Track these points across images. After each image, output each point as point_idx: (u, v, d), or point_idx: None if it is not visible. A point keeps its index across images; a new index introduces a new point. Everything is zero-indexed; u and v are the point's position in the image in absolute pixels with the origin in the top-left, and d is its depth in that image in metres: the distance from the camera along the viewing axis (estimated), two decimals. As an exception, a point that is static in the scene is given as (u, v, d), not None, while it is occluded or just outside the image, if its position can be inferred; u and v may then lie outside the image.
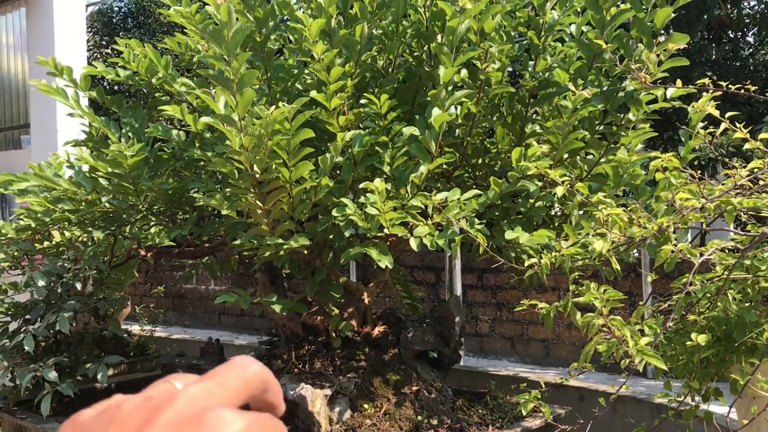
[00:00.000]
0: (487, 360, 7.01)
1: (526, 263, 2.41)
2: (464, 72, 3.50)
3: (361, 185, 2.94)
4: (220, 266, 5.47)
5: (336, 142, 3.10)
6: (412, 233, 3.11)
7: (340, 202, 3.05)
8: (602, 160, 3.69)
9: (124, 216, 3.86)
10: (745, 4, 8.35)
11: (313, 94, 3.16)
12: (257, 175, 3.03)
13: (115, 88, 11.80)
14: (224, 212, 3.20)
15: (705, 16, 7.53)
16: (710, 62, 8.30)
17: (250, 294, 3.31)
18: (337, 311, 3.59)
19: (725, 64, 8.65)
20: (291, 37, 3.76)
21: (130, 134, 4.19)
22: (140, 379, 5.03)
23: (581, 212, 3.64)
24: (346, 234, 3.17)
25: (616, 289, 6.50)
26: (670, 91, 3.53)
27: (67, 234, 4.82)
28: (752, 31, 8.82)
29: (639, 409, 4.69)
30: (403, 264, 7.47)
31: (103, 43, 13.07)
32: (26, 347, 3.95)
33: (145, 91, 4.67)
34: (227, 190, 3.14)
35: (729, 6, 8.13)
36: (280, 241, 3.12)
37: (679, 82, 3.52)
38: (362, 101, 3.31)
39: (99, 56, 12.75)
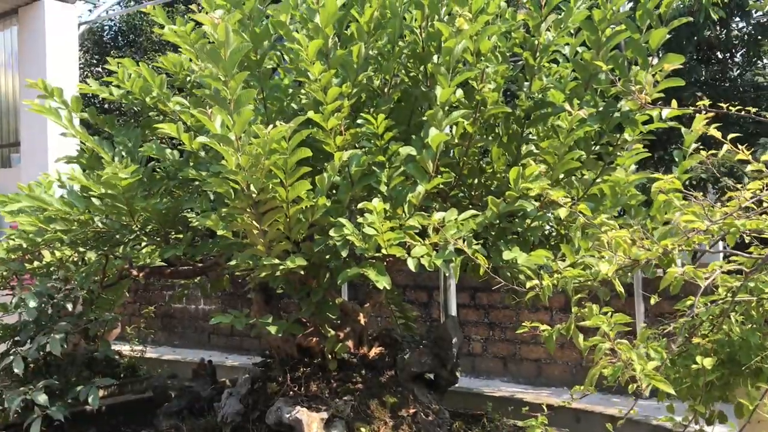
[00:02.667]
0: (480, 380, 6.95)
1: (528, 285, 2.39)
2: (460, 92, 3.50)
3: (360, 205, 2.91)
4: (211, 285, 5.42)
5: (333, 161, 3.08)
6: (410, 253, 3.09)
7: (338, 222, 3.03)
8: (598, 180, 3.68)
9: (117, 236, 3.82)
10: (733, 25, 8.43)
11: (311, 114, 3.15)
12: (254, 195, 3.00)
13: (106, 106, 11.77)
14: (220, 233, 3.17)
15: (695, 38, 7.60)
16: (700, 82, 8.37)
17: (245, 315, 3.27)
18: (333, 333, 3.56)
19: (714, 84, 8.72)
20: (286, 57, 3.75)
21: (123, 153, 4.16)
22: (131, 402, 4.97)
23: (578, 232, 3.64)
24: (343, 254, 3.15)
25: (608, 308, 6.48)
26: (666, 112, 3.55)
27: (57, 254, 4.76)
28: (740, 52, 8.91)
29: (636, 430, 4.66)
30: (396, 283, 7.41)
31: (94, 61, 13.04)
32: (15, 370, 3.89)
33: (137, 109, 4.63)
34: (223, 210, 3.11)
35: (718, 27, 8.21)
36: (277, 261, 3.08)
37: (674, 103, 3.52)
38: (359, 121, 3.30)
39: (90, 74, 12.72)
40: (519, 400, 5.03)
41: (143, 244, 4.17)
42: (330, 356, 3.61)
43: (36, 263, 4.70)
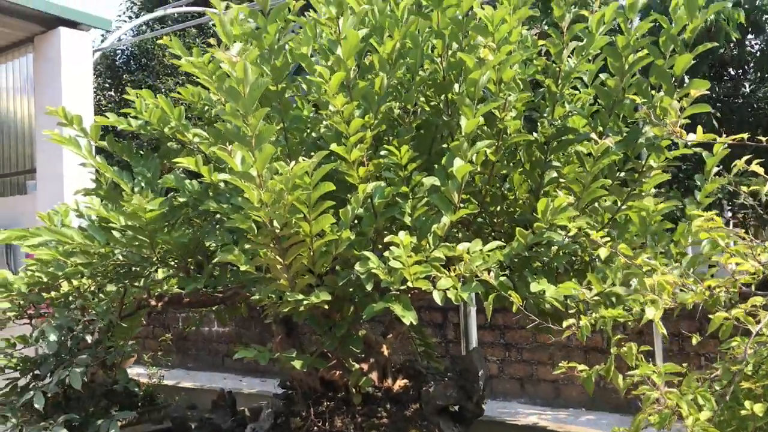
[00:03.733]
0: (496, 402, 6.89)
1: (564, 324, 2.34)
2: (481, 120, 3.47)
3: (386, 239, 2.87)
4: (228, 313, 5.39)
5: (357, 193, 3.05)
6: (435, 286, 3.05)
7: (363, 256, 2.99)
8: (623, 206, 3.64)
9: (137, 268, 3.79)
10: (746, 42, 8.38)
11: (333, 146, 3.12)
12: (277, 230, 2.97)
13: (122, 134, 11.82)
14: (243, 268, 3.13)
15: (710, 56, 7.55)
16: (713, 99, 8.31)
17: (268, 350, 3.23)
18: (357, 366, 3.51)
19: (727, 101, 8.67)
20: (304, 86, 3.73)
21: (143, 184, 4.14)
22: (150, 432, 4.92)
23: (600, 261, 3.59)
24: (368, 287, 3.10)
25: (628, 341, 6.42)
26: (691, 137, 3.50)
27: (75, 283, 4.74)
28: (753, 69, 8.85)
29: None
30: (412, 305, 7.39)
31: (107, 85, 13.11)
32: (36, 405, 3.85)
33: (155, 139, 4.62)
34: (246, 246, 3.08)
35: (731, 44, 8.17)
36: (301, 297, 3.04)
37: (700, 129, 3.48)
38: (382, 152, 3.27)
39: (103, 98, 12.78)
40: (543, 428, 4.96)
41: (162, 275, 4.13)
42: (354, 390, 3.56)
43: (53, 293, 4.68)
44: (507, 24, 3.18)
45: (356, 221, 3.34)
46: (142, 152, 4.61)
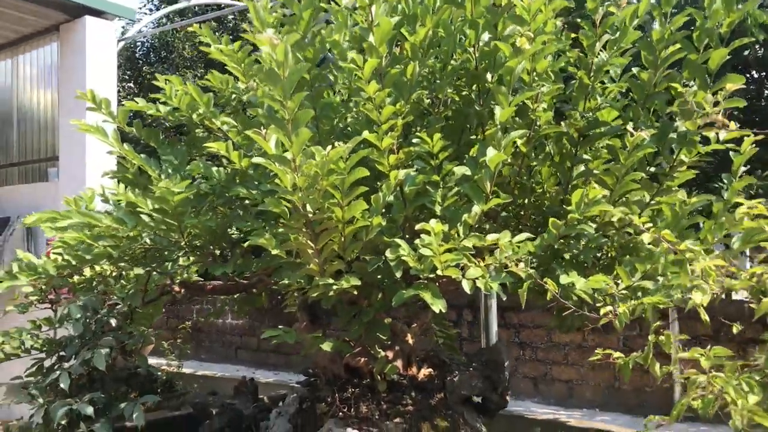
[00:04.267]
0: (510, 400, 6.89)
1: (602, 311, 2.34)
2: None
3: (417, 227, 2.87)
4: (246, 303, 5.41)
5: (389, 180, 3.05)
6: (464, 275, 3.05)
7: (394, 243, 2.99)
8: (652, 201, 3.63)
9: (166, 253, 3.81)
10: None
11: (365, 134, 3.12)
12: (309, 215, 2.98)
13: (147, 122, 11.89)
14: (274, 252, 3.14)
15: (733, 58, 7.51)
16: (737, 101, 8.25)
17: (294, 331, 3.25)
18: (383, 353, 3.51)
19: (751, 103, 8.62)
20: (331, 76, 3.73)
21: (170, 171, 4.16)
22: (170, 418, 4.94)
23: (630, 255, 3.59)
24: (397, 274, 3.11)
25: (642, 330, 6.37)
26: (723, 134, 3.48)
27: (97, 268, 4.77)
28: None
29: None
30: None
31: (126, 77, 13.19)
32: (61, 384, 3.89)
33: (180, 126, 4.64)
34: (280, 230, 3.09)
35: (757, 46, 8.13)
36: (331, 281, 3.05)
37: (732, 125, 3.47)
38: (414, 140, 3.27)
39: (121, 90, 12.86)
40: (563, 424, 4.96)
41: (188, 259, 4.14)
42: (379, 377, 3.56)
43: (76, 278, 4.71)
44: (543, 14, 3.18)
45: (385, 209, 3.34)
46: (167, 140, 4.65)
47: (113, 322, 4.41)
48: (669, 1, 3.40)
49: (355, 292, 3.18)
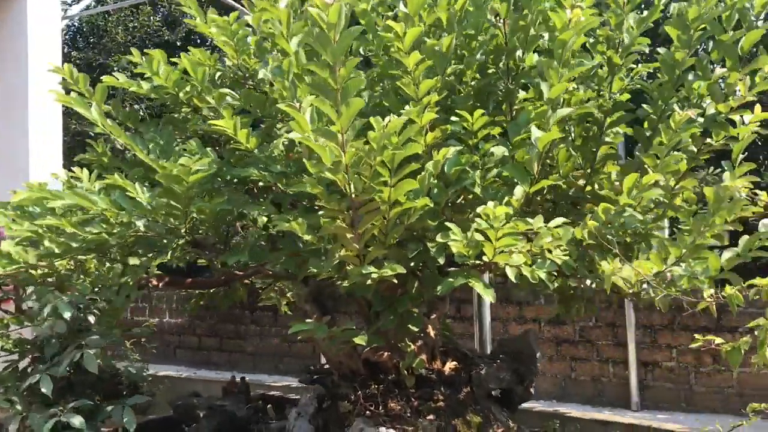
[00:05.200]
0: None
1: (706, 295, 2.19)
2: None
3: (479, 209, 2.67)
4: (228, 297, 5.10)
5: (435, 159, 2.83)
6: (508, 262, 2.86)
7: (443, 226, 2.78)
8: (677, 186, 3.54)
9: (164, 241, 3.46)
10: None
11: (407, 109, 2.89)
12: (354, 196, 2.72)
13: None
14: (306, 238, 2.88)
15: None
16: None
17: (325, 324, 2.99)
18: (413, 347, 3.29)
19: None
20: (362, 49, 3.48)
21: (157, 152, 3.82)
22: (142, 424, 4.54)
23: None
24: (440, 261, 2.90)
25: (598, 321, 6.39)
26: (748, 117, 3.43)
27: (62, 262, 4.34)
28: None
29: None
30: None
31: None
32: (43, 389, 3.49)
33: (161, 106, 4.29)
34: (320, 213, 2.83)
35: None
36: (372, 269, 2.81)
37: (758, 107, 3.42)
38: (452, 118, 3.06)
39: (47, 75, 12.02)
40: (576, 418, 4.91)
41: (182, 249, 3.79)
42: (406, 372, 3.34)
43: (39, 271, 4.27)
44: (585, -13, 3.03)
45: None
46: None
47: (92, 319, 4.00)
48: (706, -21, 3.31)
49: (395, 281, 2.94)
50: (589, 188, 3.58)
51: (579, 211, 3.69)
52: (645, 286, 3.40)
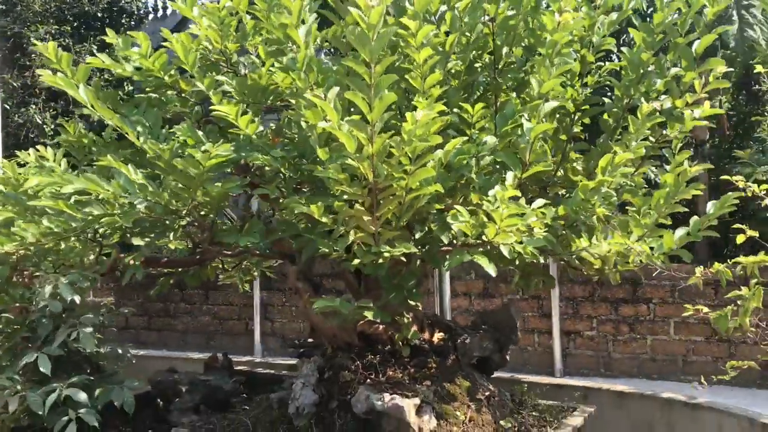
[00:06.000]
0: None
1: (698, 271, 2.57)
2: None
3: (492, 192, 2.96)
4: (197, 276, 5.19)
5: (446, 150, 3.10)
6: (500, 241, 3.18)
7: (455, 209, 3.06)
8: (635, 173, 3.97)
9: (167, 222, 3.57)
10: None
11: (419, 102, 3.13)
12: (378, 182, 2.96)
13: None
14: (324, 220, 3.09)
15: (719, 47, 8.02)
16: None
17: (347, 300, 3.22)
18: (410, 319, 3.56)
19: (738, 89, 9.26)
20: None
21: (148, 135, 3.89)
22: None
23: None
24: (445, 240, 3.18)
25: (524, 294, 6.95)
26: (698, 112, 3.88)
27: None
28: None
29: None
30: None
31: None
32: (42, 368, 3.55)
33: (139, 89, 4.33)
34: (344, 197, 3.04)
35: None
36: (388, 248, 3.06)
37: (707, 104, 3.88)
38: (454, 110, 3.33)
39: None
40: (534, 383, 5.32)
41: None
42: (401, 343, 3.61)
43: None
44: (572, -9, 3.35)
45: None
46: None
47: (77, 299, 4.04)
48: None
49: (403, 259, 3.20)
50: (560, 173, 3.94)
51: (546, 194, 4.05)
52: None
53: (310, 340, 4.21)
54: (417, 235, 3.24)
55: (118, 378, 4.01)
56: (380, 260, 3.14)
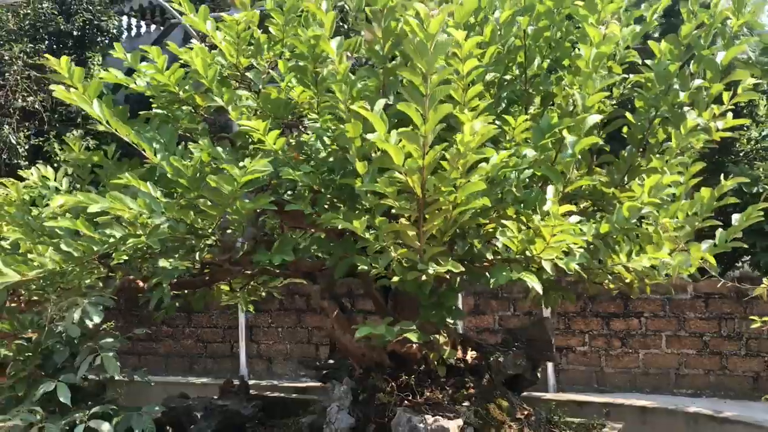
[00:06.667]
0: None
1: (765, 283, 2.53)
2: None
3: (546, 208, 2.89)
4: (198, 300, 5.03)
5: (493, 163, 3.02)
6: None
7: (503, 225, 2.98)
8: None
9: (193, 241, 3.43)
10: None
11: (460, 114, 3.06)
12: (426, 196, 2.87)
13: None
14: (367, 236, 2.98)
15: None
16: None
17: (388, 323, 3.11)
18: (446, 338, 3.47)
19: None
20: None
21: (164, 151, 3.76)
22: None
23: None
24: (489, 257, 3.11)
25: (516, 310, 6.93)
26: (720, 124, 3.88)
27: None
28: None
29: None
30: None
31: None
32: (61, 398, 3.37)
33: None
34: (382, 211, 2.94)
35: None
36: (435, 266, 2.96)
37: (730, 115, 3.88)
38: (497, 122, 3.27)
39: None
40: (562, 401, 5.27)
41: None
42: (436, 362, 3.51)
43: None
44: (614, 3, 3.32)
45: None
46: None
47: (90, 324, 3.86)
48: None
49: (447, 276, 3.11)
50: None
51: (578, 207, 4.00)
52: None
53: (330, 361, 4.08)
54: (458, 251, 3.14)
55: (134, 405, 3.84)
56: (423, 277, 3.04)
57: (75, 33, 10.71)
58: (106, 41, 11.40)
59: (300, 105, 3.79)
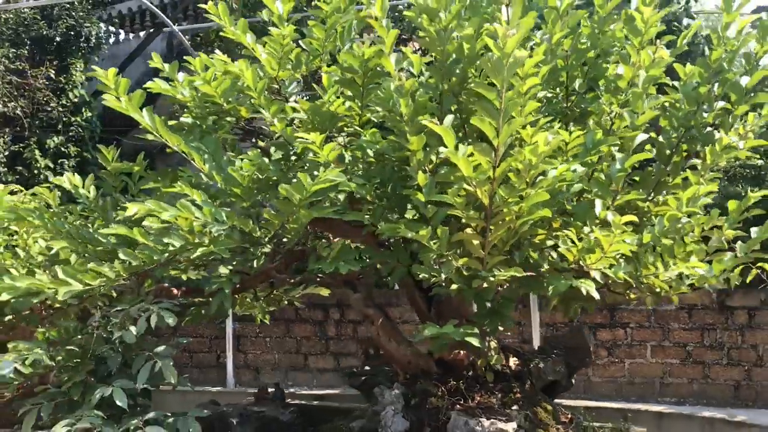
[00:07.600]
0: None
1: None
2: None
3: (609, 217, 3.05)
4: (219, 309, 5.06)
5: (555, 175, 3.16)
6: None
7: (558, 236, 3.13)
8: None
9: (251, 249, 3.50)
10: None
11: (526, 131, 3.19)
12: (493, 207, 3.00)
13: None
14: (434, 246, 3.10)
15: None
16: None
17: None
18: (497, 344, 3.59)
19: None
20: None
21: (213, 162, 3.82)
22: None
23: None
24: (546, 266, 3.25)
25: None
26: (741, 143, 4.10)
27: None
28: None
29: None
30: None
31: None
32: (118, 402, 3.39)
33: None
34: (460, 221, 3.06)
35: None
36: (497, 273, 3.10)
37: (751, 135, 4.11)
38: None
39: None
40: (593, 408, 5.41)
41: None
42: (484, 368, 3.63)
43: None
44: (654, 27, 3.51)
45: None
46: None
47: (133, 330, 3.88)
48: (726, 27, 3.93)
49: (503, 286, 3.25)
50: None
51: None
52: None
53: (366, 368, 4.17)
54: (517, 260, 3.27)
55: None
56: (485, 285, 3.17)
57: (57, 39, 10.61)
58: (90, 48, 11.32)
59: (346, 116, 3.89)
